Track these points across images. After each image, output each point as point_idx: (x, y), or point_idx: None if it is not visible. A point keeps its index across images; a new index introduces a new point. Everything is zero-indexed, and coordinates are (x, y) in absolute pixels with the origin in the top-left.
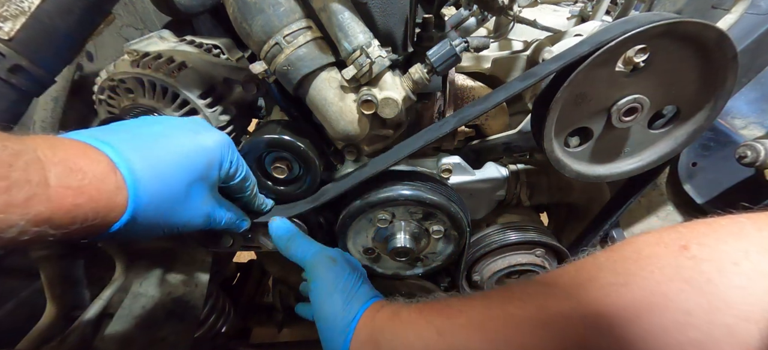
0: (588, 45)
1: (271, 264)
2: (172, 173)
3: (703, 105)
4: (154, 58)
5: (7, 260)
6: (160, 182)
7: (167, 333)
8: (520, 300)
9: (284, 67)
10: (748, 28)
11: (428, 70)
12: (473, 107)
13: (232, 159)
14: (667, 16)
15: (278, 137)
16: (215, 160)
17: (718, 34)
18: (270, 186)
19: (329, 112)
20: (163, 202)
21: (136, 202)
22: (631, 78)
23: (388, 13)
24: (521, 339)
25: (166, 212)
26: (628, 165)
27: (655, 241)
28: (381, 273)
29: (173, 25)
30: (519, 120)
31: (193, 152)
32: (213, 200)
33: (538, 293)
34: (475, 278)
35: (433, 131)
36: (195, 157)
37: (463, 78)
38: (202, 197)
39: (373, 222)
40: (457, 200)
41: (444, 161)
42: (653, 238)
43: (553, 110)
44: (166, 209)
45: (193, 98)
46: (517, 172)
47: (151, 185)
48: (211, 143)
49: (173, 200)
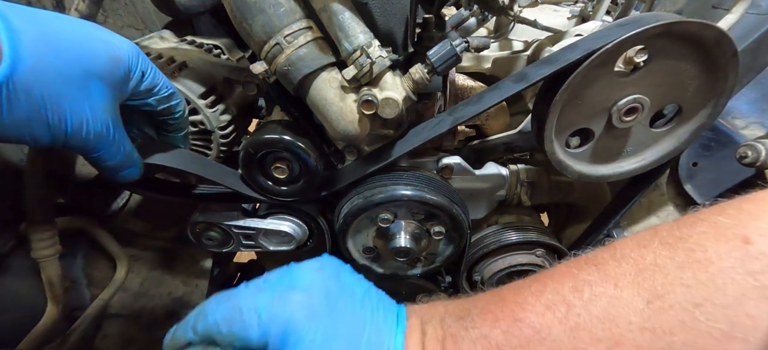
0: (585, 47)
1: (271, 263)
2: (67, 48)
3: (705, 104)
4: (155, 58)
5: (7, 261)
6: (49, 48)
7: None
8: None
9: (285, 67)
10: (748, 28)
11: (429, 71)
12: (467, 107)
13: (144, 68)
14: (665, 17)
15: (278, 137)
16: (121, 60)
17: (717, 33)
18: (270, 186)
19: (330, 112)
20: (52, 75)
21: (15, 59)
22: (631, 78)
23: (389, 14)
24: None
25: (56, 91)
26: (629, 165)
27: (714, 233)
28: (381, 272)
29: (174, 25)
30: (519, 120)
31: (93, 41)
32: (116, 115)
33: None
34: (475, 278)
35: (428, 129)
36: (96, 46)
37: (464, 78)
38: (104, 100)
39: (374, 222)
40: (458, 201)
41: (444, 160)
42: (711, 229)
43: (553, 111)
44: (57, 88)
45: (194, 98)
46: (517, 172)
47: (37, 47)
48: (116, 41)
49: (65, 81)
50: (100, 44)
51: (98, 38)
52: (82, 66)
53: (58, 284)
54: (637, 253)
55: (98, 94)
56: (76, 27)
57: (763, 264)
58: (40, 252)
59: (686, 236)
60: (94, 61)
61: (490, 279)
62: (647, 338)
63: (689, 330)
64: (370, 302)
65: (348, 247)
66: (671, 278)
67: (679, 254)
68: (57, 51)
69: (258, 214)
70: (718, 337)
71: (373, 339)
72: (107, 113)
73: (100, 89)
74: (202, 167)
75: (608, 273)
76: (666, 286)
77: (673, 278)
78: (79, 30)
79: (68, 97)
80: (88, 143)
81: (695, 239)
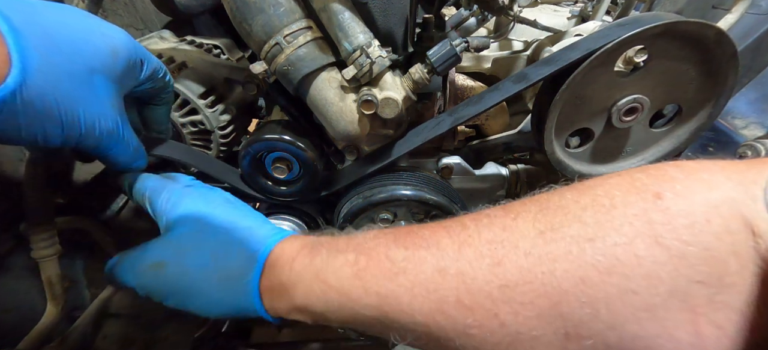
0: (584, 48)
1: None
2: (70, 46)
3: (705, 104)
4: None
5: (7, 260)
6: (54, 48)
7: (167, 333)
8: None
9: (285, 67)
10: (748, 28)
11: (428, 71)
12: (467, 107)
13: (142, 57)
14: (665, 17)
15: (278, 137)
16: (120, 53)
17: (717, 33)
18: (270, 186)
19: (329, 112)
20: (60, 75)
21: (25, 62)
22: (630, 78)
23: (389, 14)
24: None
25: (66, 92)
26: (629, 165)
27: (628, 185)
28: None
29: (173, 25)
30: (519, 120)
31: (94, 35)
32: (122, 110)
33: (493, 242)
34: None
35: (428, 129)
36: (97, 40)
37: (464, 78)
38: (109, 95)
39: (374, 221)
40: (458, 201)
41: (444, 160)
42: (626, 182)
43: (553, 112)
44: (67, 89)
45: (194, 98)
46: (517, 172)
47: (43, 48)
48: (113, 32)
49: (74, 80)
50: (100, 38)
51: (98, 31)
52: (86, 63)
53: (57, 284)
54: (545, 197)
55: (104, 90)
56: (75, 20)
57: (666, 217)
58: (40, 252)
59: (597, 185)
60: (95, 56)
61: None
62: (529, 262)
63: (573, 259)
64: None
65: None
66: (570, 216)
67: (584, 198)
68: (62, 50)
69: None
70: (600, 270)
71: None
72: (114, 109)
73: (105, 84)
74: (204, 163)
75: (511, 209)
76: (563, 222)
77: (573, 216)
78: (79, 24)
79: (79, 96)
80: (101, 142)
81: (606, 188)
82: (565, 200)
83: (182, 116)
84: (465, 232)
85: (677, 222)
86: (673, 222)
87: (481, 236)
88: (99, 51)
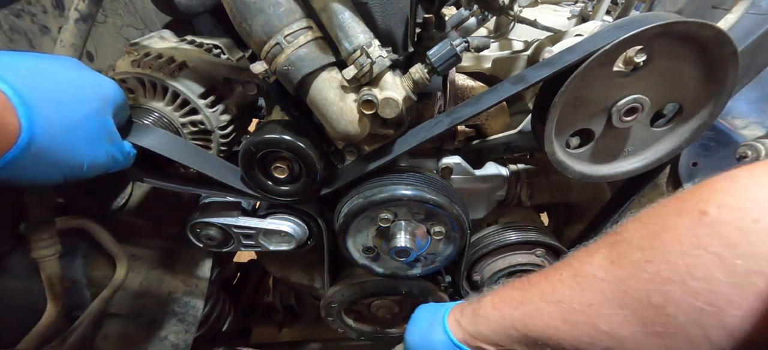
0: (582, 50)
1: (271, 263)
2: (66, 101)
3: (705, 103)
4: (154, 58)
5: (7, 260)
6: (54, 109)
7: (167, 332)
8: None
9: (285, 67)
10: (748, 28)
11: (429, 70)
12: (466, 108)
13: (124, 98)
14: (665, 17)
15: (278, 136)
16: (109, 94)
17: (717, 33)
18: (270, 186)
19: (330, 112)
20: (61, 132)
21: (32, 127)
22: (631, 78)
23: (389, 13)
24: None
25: (66, 144)
26: (630, 165)
27: (677, 210)
28: (380, 272)
29: (173, 25)
30: (519, 120)
31: (84, 84)
32: (117, 139)
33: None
34: (475, 278)
35: (425, 130)
36: (88, 88)
37: (464, 78)
38: (103, 132)
39: (374, 221)
40: (458, 201)
41: (444, 160)
42: (676, 206)
43: (553, 112)
44: (66, 142)
45: (194, 98)
46: (517, 172)
47: (46, 110)
48: (98, 78)
49: (72, 132)
50: (91, 88)
51: (89, 82)
52: (82, 113)
53: (57, 283)
54: (612, 232)
55: (98, 131)
56: (70, 76)
57: (710, 229)
58: (40, 252)
59: (652, 214)
60: (89, 105)
61: (490, 279)
62: (606, 286)
63: (639, 277)
64: None
65: (348, 246)
66: (633, 245)
67: (642, 229)
68: (61, 109)
69: (258, 214)
70: (661, 281)
71: None
72: (108, 143)
73: (99, 125)
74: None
75: (589, 249)
76: (626, 251)
77: (635, 245)
78: (74, 79)
79: (76, 146)
80: (97, 173)
81: (658, 215)
82: (629, 232)
83: (182, 115)
84: (557, 271)
85: (723, 230)
86: (719, 231)
87: (569, 270)
88: (91, 98)
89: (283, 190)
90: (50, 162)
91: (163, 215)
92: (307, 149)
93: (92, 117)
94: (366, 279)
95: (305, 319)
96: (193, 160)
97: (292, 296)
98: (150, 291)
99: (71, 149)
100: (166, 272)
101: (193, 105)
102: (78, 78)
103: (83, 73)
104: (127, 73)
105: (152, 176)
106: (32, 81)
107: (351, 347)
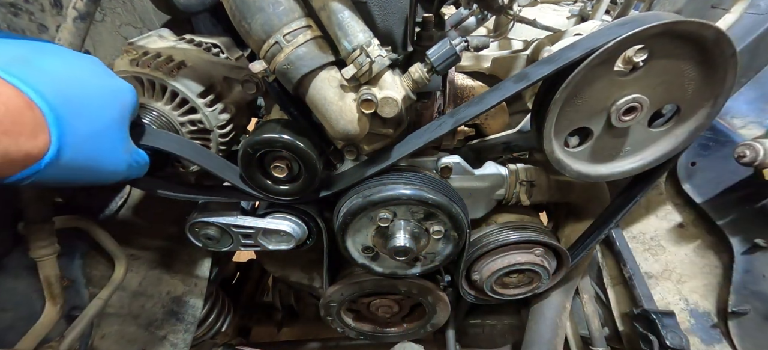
0: (584, 47)
1: (271, 263)
2: (92, 110)
3: (704, 103)
4: (153, 57)
5: (6, 260)
6: (81, 120)
7: (167, 332)
8: None
9: (284, 66)
10: (747, 28)
11: (428, 70)
12: (469, 108)
13: (137, 102)
14: (664, 16)
15: (278, 136)
16: (127, 101)
17: (716, 33)
18: (269, 185)
19: (329, 111)
20: (85, 141)
21: (61, 143)
22: (630, 77)
23: (388, 13)
24: None
25: (89, 154)
26: (628, 164)
27: None
28: (379, 271)
29: (172, 23)
30: (519, 119)
31: (106, 90)
32: (130, 144)
33: None
34: (474, 277)
35: (430, 131)
36: (110, 96)
37: (463, 77)
38: (121, 139)
39: (373, 221)
40: (457, 200)
41: (444, 160)
42: None
43: (552, 111)
44: (89, 151)
45: (193, 97)
46: (516, 171)
47: (75, 122)
48: (119, 84)
49: (95, 141)
50: (111, 95)
51: (109, 88)
52: (103, 122)
53: (56, 283)
54: None
55: (118, 137)
56: (92, 81)
57: None
58: (39, 251)
59: None
60: (110, 112)
61: (489, 278)
62: None
63: None
64: None
65: (347, 246)
66: None
67: None
68: (85, 119)
69: (257, 213)
70: None
71: None
72: (127, 151)
73: (118, 132)
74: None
75: None
76: None
77: None
78: (97, 84)
79: (98, 154)
80: (120, 179)
81: None
82: None
83: (181, 115)
84: None
85: None
86: None
87: None
88: (113, 108)
89: (282, 189)
90: (73, 170)
91: (162, 214)
92: (306, 149)
93: (114, 126)
94: (365, 278)
95: (304, 318)
96: (209, 161)
97: (292, 295)
98: (149, 291)
99: (94, 158)
100: (165, 271)
101: (192, 104)
102: (102, 85)
103: (106, 79)
104: (125, 72)
105: (164, 188)
106: (65, 93)
107: (350, 346)
